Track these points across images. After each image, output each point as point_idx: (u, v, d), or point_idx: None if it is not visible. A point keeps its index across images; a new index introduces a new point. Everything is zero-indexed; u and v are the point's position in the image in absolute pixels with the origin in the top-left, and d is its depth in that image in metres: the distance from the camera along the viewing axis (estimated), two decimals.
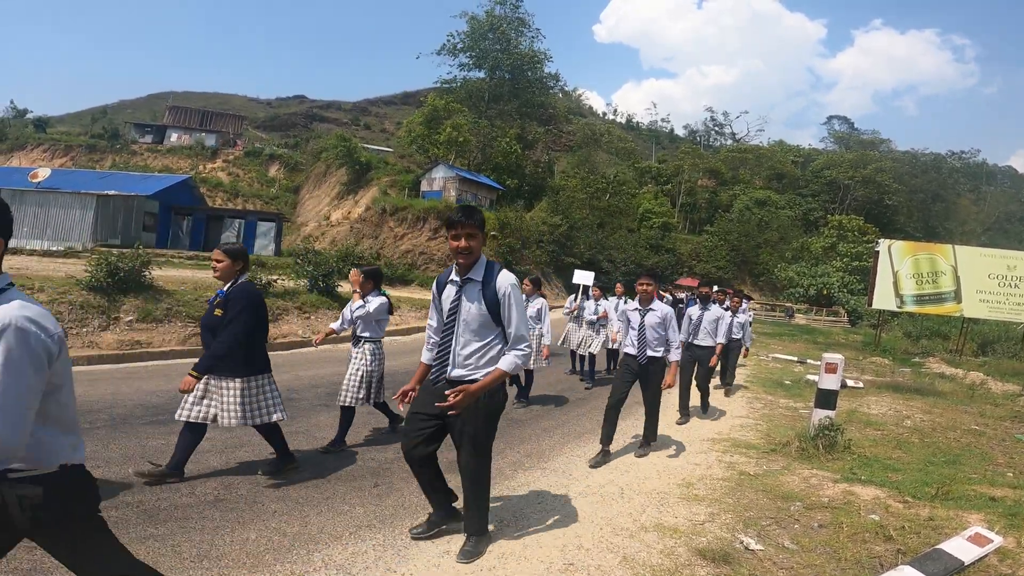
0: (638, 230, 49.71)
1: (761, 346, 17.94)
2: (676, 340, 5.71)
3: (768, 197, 57.88)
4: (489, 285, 3.28)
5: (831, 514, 4.32)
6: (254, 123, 70.90)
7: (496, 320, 3.29)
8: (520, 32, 48.17)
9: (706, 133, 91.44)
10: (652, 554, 3.63)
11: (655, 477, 5.21)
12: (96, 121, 61.47)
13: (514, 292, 3.29)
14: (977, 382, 12.08)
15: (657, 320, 5.67)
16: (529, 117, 50.45)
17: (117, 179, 29.90)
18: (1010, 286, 16.85)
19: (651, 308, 5.68)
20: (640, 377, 5.76)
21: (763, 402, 9.05)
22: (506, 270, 3.38)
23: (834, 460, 5.69)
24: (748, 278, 50.42)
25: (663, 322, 5.68)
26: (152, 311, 9.79)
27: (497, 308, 3.26)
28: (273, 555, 3.32)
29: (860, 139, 79.75)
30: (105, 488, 3.99)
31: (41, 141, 51.89)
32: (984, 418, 8.64)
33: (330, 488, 4.40)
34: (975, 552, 3.60)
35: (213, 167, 49.61)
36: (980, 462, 6.13)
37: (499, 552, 3.56)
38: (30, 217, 23.60)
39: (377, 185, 37.61)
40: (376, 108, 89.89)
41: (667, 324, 5.69)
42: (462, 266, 3.33)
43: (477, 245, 3.29)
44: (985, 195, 76.58)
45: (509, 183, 42.68)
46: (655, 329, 5.67)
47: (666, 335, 5.71)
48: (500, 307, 3.26)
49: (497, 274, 3.33)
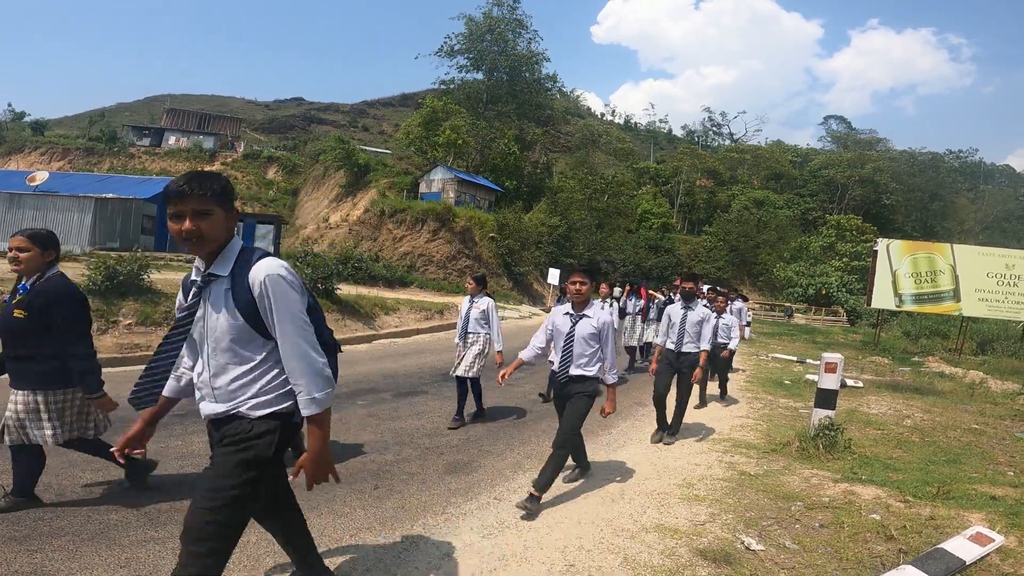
0: (637, 231, 49.71)
1: (760, 346, 17.95)
2: (611, 358, 4.55)
3: (766, 197, 57.90)
4: (240, 279, 2.25)
5: (832, 514, 4.31)
6: (252, 125, 70.96)
7: (258, 330, 2.26)
8: (518, 33, 48.16)
9: (704, 133, 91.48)
10: (653, 555, 3.63)
11: (655, 478, 5.20)
12: (94, 124, 61.50)
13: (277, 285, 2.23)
14: (977, 381, 12.08)
15: (591, 331, 4.56)
16: (527, 118, 50.42)
17: (115, 182, 29.87)
18: (1009, 285, 16.87)
19: (585, 314, 4.61)
20: (558, 404, 4.82)
21: (763, 402, 9.05)
22: (269, 257, 2.34)
23: (834, 460, 5.69)
24: (747, 278, 50.40)
25: (598, 333, 4.58)
26: (151, 314, 9.78)
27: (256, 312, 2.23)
28: (273, 558, 3.31)
29: (858, 139, 79.81)
30: (105, 491, 3.99)
31: (39, 144, 51.86)
32: (984, 417, 8.64)
33: (330, 490, 4.39)
34: (976, 551, 3.60)
35: (211, 170, 49.42)
36: (981, 461, 6.13)
37: (500, 554, 3.55)
38: (28, 220, 23.54)
39: (375, 187, 37.57)
40: (374, 110, 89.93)
41: (602, 336, 4.57)
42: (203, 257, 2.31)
43: (212, 226, 2.22)
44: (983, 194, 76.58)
45: (508, 184, 42.67)
46: (587, 342, 4.55)
47: (599, 350, 4.60)
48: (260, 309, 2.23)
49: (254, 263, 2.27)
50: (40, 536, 3.34)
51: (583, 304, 4.61)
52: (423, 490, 4.55)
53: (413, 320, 15.92)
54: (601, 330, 4.56)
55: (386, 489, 4.53)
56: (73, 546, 3.26)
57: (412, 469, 5.03)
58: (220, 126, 57.98)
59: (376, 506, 4.17)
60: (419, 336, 14.47)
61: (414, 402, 7.47)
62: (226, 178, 2.33)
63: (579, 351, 4.55)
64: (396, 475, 4.84)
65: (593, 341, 4.54)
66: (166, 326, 9.78)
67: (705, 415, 8.01)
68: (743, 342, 17.92)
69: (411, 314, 16.20)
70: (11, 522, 3.46)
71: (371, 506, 4.16)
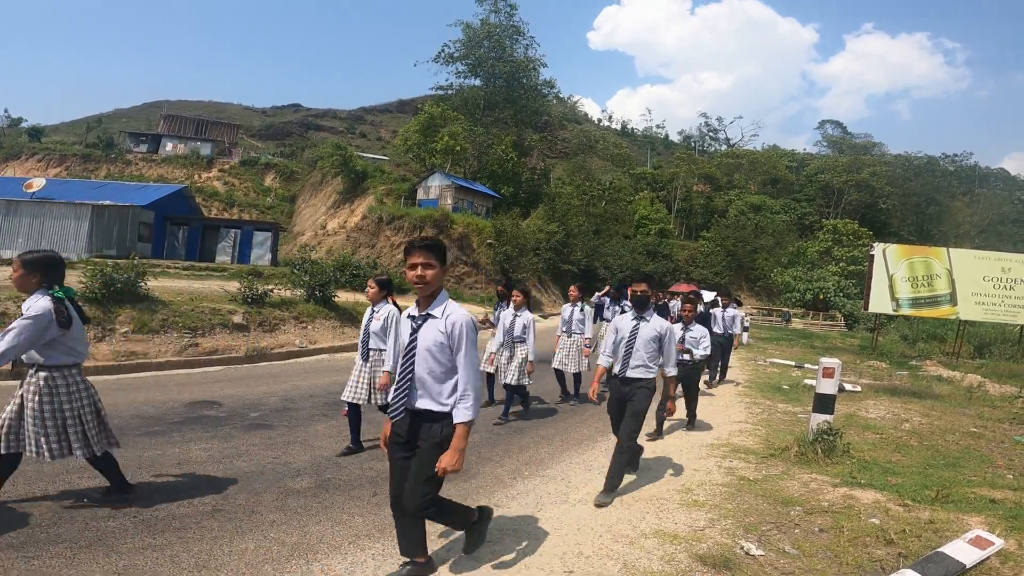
0: (634, 236, 49.83)
1: (758, 351, 17.96)
2: (470, 384, 3.01)
3: (763, 202, 58.15)
4: None
5: (831, 518, 4.31)
6: (249, 132, 71.09)
7: None
8: (515, 40, 48.42)
9: (701, 139, 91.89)
10: (652, 561, 3.62)
11: (654, 483, 5.20)
12: (91, 130, 61.47)
13: None
14: (975, 384, 12.10)
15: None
16: (525, 124, 50.63)
17: (112, 189, 29.89)
18: (1005, 288, 16.92)
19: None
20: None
21: (761, 407, 9.05)
22: None
23: (833, 464, 5.69)
24: (745, 283, 50.53)
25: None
26: (148, 322, 9.75)
27: None
28: (272, 565, 3.30)
29: (853, 143, 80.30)
30: (103, 498, 3.97)
31: (36, 151, 51.84)
32: (982, 420, 8.65)
33: (329, 498, 4.38)
34: (976, 555, 3.60)
35: (209, 176, 49.63)
36: (979, 464, 6.14)
37: (498, 561, 3.54)
38: (25, 228, 23.56)
39: (373, 194, 37.63)
40: (371, 116, 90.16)
41: (454, 347, 3.24)
42: None
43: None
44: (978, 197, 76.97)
45: (505, 191, 42.76)
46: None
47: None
48: None
49: None
50: (38, 543, 3.32)
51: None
52: None
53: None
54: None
55: (385, 496, 4.50)
56: (71, 553, 3.24)
57: None
58: (218, 132, 58.01)
59: (375, 513, 4.16)
60: None
61: None
62: None
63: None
64: None
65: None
66: (163, 333, 9.77)
67: (704, 420, 8.00)
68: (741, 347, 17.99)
69: None
70: (9, 529, 3.44)
71: (370, 513, 4.15)
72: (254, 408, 7.00)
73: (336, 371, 9.92)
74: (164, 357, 9.33)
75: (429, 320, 3.02)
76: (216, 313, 10.93)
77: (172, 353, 9.56)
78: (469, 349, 2.99)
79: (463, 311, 3.08)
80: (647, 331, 4.90)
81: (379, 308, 5.65)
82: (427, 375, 3.00)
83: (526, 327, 7.34)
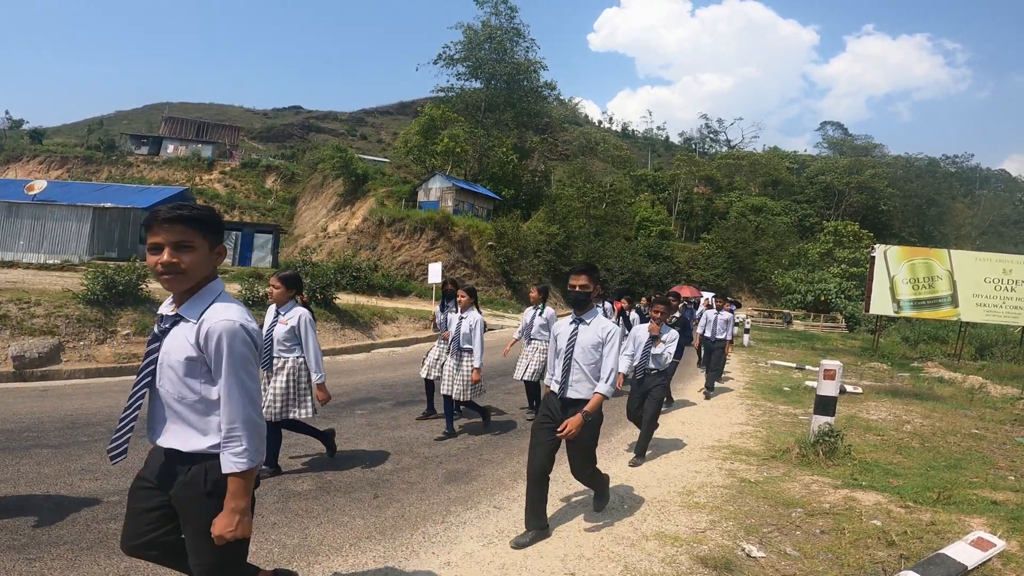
0: (635, 238, 49.81)
1: (760, 352, 17.95)
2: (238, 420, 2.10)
3: (764, 204, 58.13)
4: None
5: (833, 520, 4.30)
6: (250, 134, 71.20)
7: None
8: (515, 42, 48.46)
9: (701, 140, 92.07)
10: (653, 563, 3.62)
11: (655, 485, 5.19)
12: (92, 132, 61.64)
13: None
14: (976, 386, 12.08)
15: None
16: (525, 126, 50.67)
17: (113, 191, 29.91)
18: (1006, 289, 16.91)
19: None
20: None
21: (762, 409, 9.04)
22: None
23: (835, 466, 5.68)
24: (746, 285, 50.48)
25: None
26: (149, 324, 9.76)
27: None
28: (273, 567, 3.29)
29: (854, 144, 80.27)
30: (104, 501, 3.97)
31: (37, 153, 51.93)
32: (984, 422, 8.64)
33: (330, 500, 4.38)
34: (978, 556, 3.59)
35: (210, 178, 49.70)
36: (981, 466, 6.13)
37: (500, 563, 3.54)
38: (26, 230, 23.58)
39: (374, 196, 37.65)
40: (372, 118, 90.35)
41: None
42: None
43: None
44: (979, 199, 77.01)
45: (506, 193, 42.77)
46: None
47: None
48: None
49: None
50: (39, 545, 3.32)
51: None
52: (422, 499, 4.54)
53: (412, 329, 15.90)
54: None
55: (385, 498, 4.52)
56: (72, 555, 3.25)
57: (411, 478, 5.02)
58: (218, 134, 58.09)
59: (376, 515, 4.16)
60: (418, 345, 14.43)
61: (413, 411, 7.45)
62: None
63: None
64: (395, 484, 4.83)
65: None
66: None
67: (704, 422, 7.99)
68: (741, 349, 17.99)
69: (410, 323, 16.18)
70: (10, 531, 3.45)
71: (371, 515, 4.15)
72: None
73: (336, 373, 9.93)
74: None
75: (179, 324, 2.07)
76: None
77: None
78: (233, 371, 2.01)
79: (231, 312, 2.07)
80: (587, 337, 3.91)
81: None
82: (175, 401, 2.09)
83: (472, 330, 6.43)
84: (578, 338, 3.92)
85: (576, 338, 3.93)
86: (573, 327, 3.97)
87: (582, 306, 3.96)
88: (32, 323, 8.58)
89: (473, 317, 6.47)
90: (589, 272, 3.94)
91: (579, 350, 3.90)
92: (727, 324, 10.64)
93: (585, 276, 3.90)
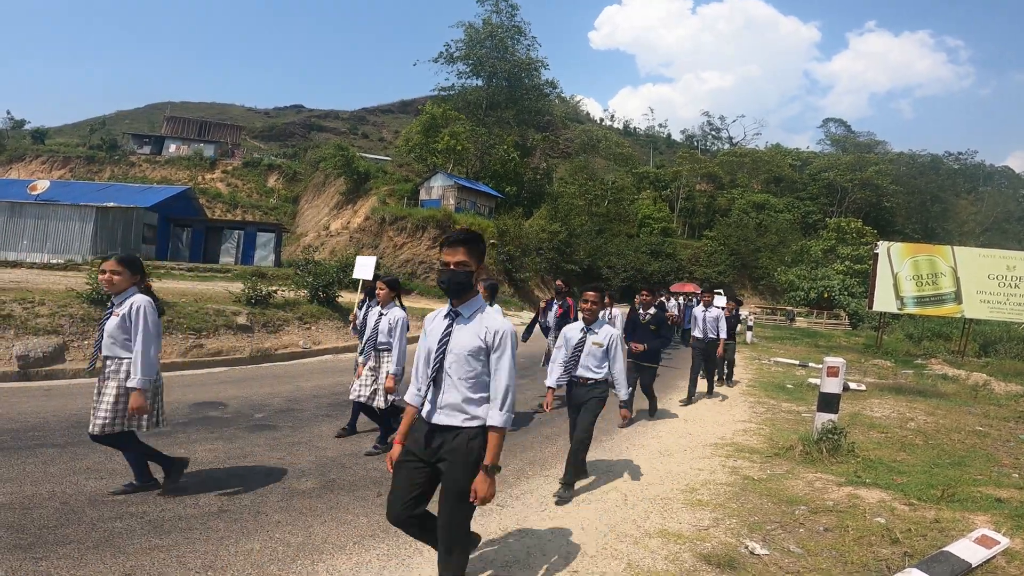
0: (637, 236, 49.79)
1: (763, 350, 17.93)
2: None
3: (766, 201, 58.07)
4: None
5: (836, 518, 4.30)
6: (252, 133, 71.21)
7: None
8: (517, 40, 48.48)
9: (703, 138, 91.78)
10: (657, 560, 3.62)
11: (658, 483, 5.20)
12: (94, 132, 61.66)
13: None
14: (980, 383, 12.05)
15: None
16: (527, 124, 50.70)
17: (116, 191, 30.01)
18: (1010, 286, 16.84)
19: None
20: None
21: (766, 406, 9.04)
22: None
23: (838, 463, 5.68)
24: (748, 282, 50.46)
25: None
26: None
27: None
28: (277, 566, 3.31)
29: (857, 141, 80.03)
30: (110, 500, 3.99)
31: (39, 152, 52.08)
32: (988, 419, 8.62)
33: (334, 498, 4.39)
34: (982, 554, 3.59)
35: (212, 178, 49.79)
36: (985, 463, 6.12)
37: (503, 560, 3.55)
38: (30, 230, 23.65)
39: (376, 194, 37.68)
40: (374, 117, 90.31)
41: None
42: None
43: None
44: (983, 195, 76.71)
45: (508, 191, 42.79)
46: None
47: None
48: None
49: None
50: (45, 544, 3.34)
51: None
52: None
53: (415, 328, 15.89)
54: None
55: None
56: (78, 554, 3.26)
57: None
58: (220, 134, 58.17)
59: (380, 513, 4.16)
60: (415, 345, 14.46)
61: None
62: None
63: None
64: None
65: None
66: (167, 334, 9.79)
67: (707, 419, 8.00)
68: (744, 346, 17.95)
69: (413, 322, 16.17)
70: (16, 530, 3.46)
71: (374, 513, 4.15)
72: (259, 409, 7.02)
73: (340, 372, 9.95)
74: (169, 358, 9.35)
75: None
76: (220, 314, 10.96)
77: (177, 354, 9.58)
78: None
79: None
80: (463, 339, 2.73)
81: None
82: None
83: (392, 329, 5.57)
84: (451, 342, 2.73)
85: (448, 342, 2.73)
86: (447, 324, 2.81)
87: (457, 293, 2.73)
88: (36, 323, 8.61)
89: (395, 314, 5.61)
90: (469, 243, 2.70)
91: (450, 358, 2.71)
92: (717, 321, 9.69)
93: (463, 250, 2.68)
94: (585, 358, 4.94)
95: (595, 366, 4.93)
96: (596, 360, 4.92)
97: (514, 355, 2.73)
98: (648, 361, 7.56)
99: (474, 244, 2.73)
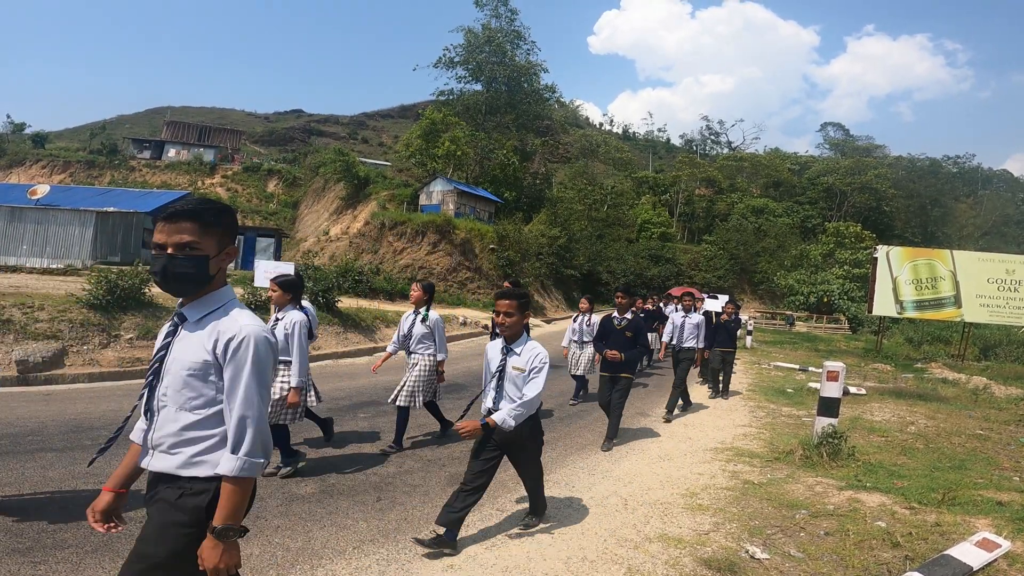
0: (637, 240, 49.81)
1: (762, 354, 17.92)
2: None
3: (765, 205, 58.12)
4: None
5: (837, 522, 4.29)
6: (252, 138, 71.31)
7: None
8: (516, 44, 48.55)
9: (702, 142, 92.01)
10: (657, 565, 3.61)
11: (659, 488, 5.18)
12: (95, 136, 61.77)
13: None
14: (980, 387, 12.05)
15: None
16: (526, 129, 50.69)
17: (116, 195, 29.98)
18: (1009, 290, 16.85)
19: None
20: None
21: (766, 411, 9.02)
22: None
23: (838, 467, 5.67)
24: (748, 286, 50.44)
25: None
26: (152, 328, 9.77)
27: None
28: (276, 570, 3.30)
29: (856, 145, 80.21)
30: None
31: (39, 157, 52.10)
32: (988, 422, 8.61)
33: (333, 503, 4.38)
34: (983, 557, 3.58)
35: (212, 183, 49.84)
36: (986, 467, 6.11)
37: (503, 565, 3.53)
38: (29, 234, 23.65)
39: (375, 199, 37.68)
40: (373, 122, 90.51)
41: None
42: None
43: None
44: (982, 199, 76.74)
45: (507, 195, 42.79)
46: None
47: None
48: None
49: None
50: (43, 548, 3.33)
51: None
52: (425, 502, 4.54)
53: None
54: None
55: (388, 501, 4.51)
56: (76, 558, 3.25)
57: (414, 481, 5.02)
58: (220, 138, 58.30)
59: (379, 518, 4.16)
60: None
61: (415, 415, 7.43)
62: None
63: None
64: (398, 487, 4.83)
65: None
66: None
67: (707, 424, 7.98)
68: (744, 351, 17.91)
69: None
70: (15, 534, 3.45)
71: (374, 518, 4.15)
72: None
73: (339, 376, 9.94)
74: None
75: None
76: None
77: None
78: None
79: None
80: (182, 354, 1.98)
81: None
82: None
83: (289, 336, 4.86)
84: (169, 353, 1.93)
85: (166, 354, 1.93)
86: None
87: (180, 288, 1.90)
88: (36, 327, 8.60)
89: (290, 318, 4.91)
90: (199, 217, 1.88)
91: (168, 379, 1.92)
92: (697, 328, 8.84)
93: (189, 226, 1.86)
94: (508, 386, 3.85)
95: (518, 396, 3.80)
96: (518, 390, 3.81)
97: (259, 370, 1.84)
98: (624, 372, 6.46)
99: (209, 217, 1.89)
